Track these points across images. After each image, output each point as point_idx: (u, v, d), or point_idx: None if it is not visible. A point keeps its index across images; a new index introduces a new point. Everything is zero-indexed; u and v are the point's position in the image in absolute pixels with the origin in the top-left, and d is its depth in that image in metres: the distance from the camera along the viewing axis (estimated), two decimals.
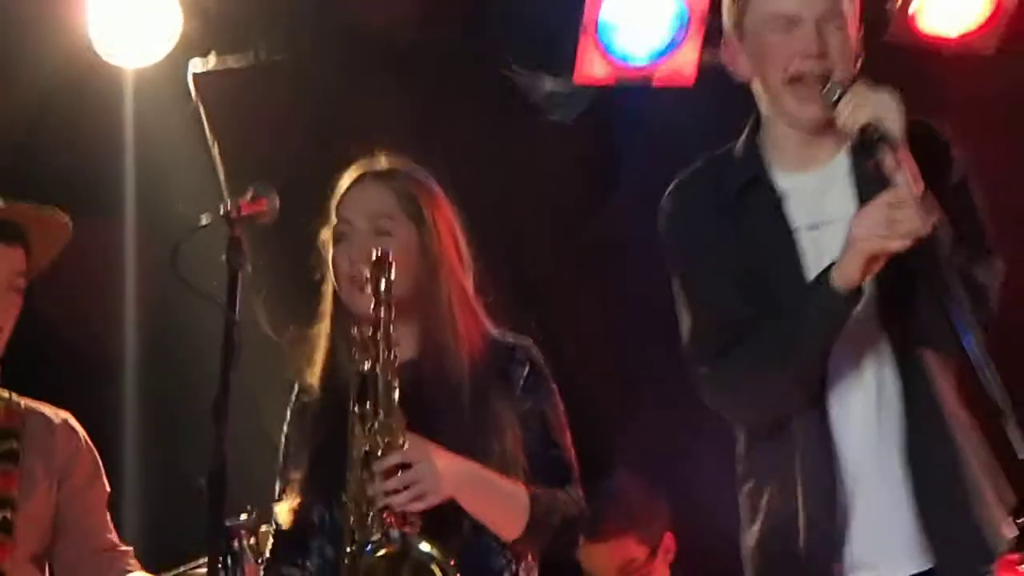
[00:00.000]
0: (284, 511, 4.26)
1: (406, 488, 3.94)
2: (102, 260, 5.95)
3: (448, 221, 4.33)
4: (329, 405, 4.27)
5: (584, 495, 4.23)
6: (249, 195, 4.10)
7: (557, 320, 4.52)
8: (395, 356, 4.02)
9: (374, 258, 4.03)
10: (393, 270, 4.02)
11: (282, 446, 4.40)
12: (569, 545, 4.26)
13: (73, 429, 4.79)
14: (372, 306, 4.03)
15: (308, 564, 4.26)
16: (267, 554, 4.26)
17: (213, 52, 5.81)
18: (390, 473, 3.94)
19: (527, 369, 4.26)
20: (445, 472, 3.99)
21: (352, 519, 4.02)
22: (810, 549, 3.81)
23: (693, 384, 3.91)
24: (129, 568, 4.76)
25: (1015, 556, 4.58)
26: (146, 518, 5.21)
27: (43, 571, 4.69)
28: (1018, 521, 3.40)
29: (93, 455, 4.80)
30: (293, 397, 4.42)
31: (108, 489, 4.84)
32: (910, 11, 5.75)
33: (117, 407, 5.94)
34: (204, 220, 4.06)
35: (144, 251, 5.95)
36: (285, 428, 4.41)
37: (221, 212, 4.05)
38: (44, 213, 4.69)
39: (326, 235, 4.36)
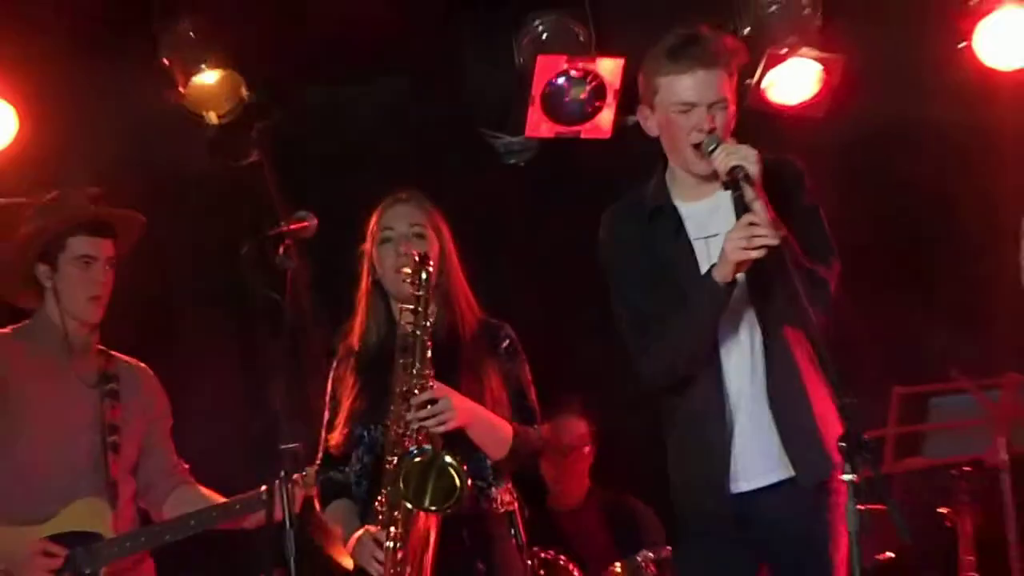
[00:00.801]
0: (334, 433, 4.31)
1: (434, 416, 4.06)
2: (194, 263, 5.92)
3: (451, 237, 4.37)
4: (364, 359, 4.34)
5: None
6: (296, 217, 4.09)
7: (513, 307, 4.45)
8: (430, 324, 4.14)
9: (418, 257, 4.14)
10: (431, 265, 4.15)
11: (329, 389, 4.39)
12: (533, 466, 4.47)
13: (152, 376, 4.80)
14: (413, 290, 4.13)
15: (348, 470, 4.29)
16: (317, 465, 4.34)
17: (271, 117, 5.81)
18: (423, 405, 4.07)
19: (507, 343, 4.35)
20: (460, 408, 4.11)
21: (392, 437, 4.12)
22: (709, 466, 3.82)
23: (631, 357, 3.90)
24: (189, 481, 4.79)
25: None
26: (222, 457, 5.09)
27: (134, 484, 4.70)
28: (840, 444, 3.36)
29: (165, 395, 4.81)
30: (337, 355, 4.43)
31: (171, 422, 4.83)
32: (762, 86, 5.70)
33: (208, 368, 5.83)
34: (264, 233, 4.05)
35: (226, 257, 5.86)
36: (331, 376, 4.41)
37: (277, 229, 4.05)
38: (127, 214, 4.71)
39: (366, 246, 4.38)
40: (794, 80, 5.72)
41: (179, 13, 5.58)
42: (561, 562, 5.11)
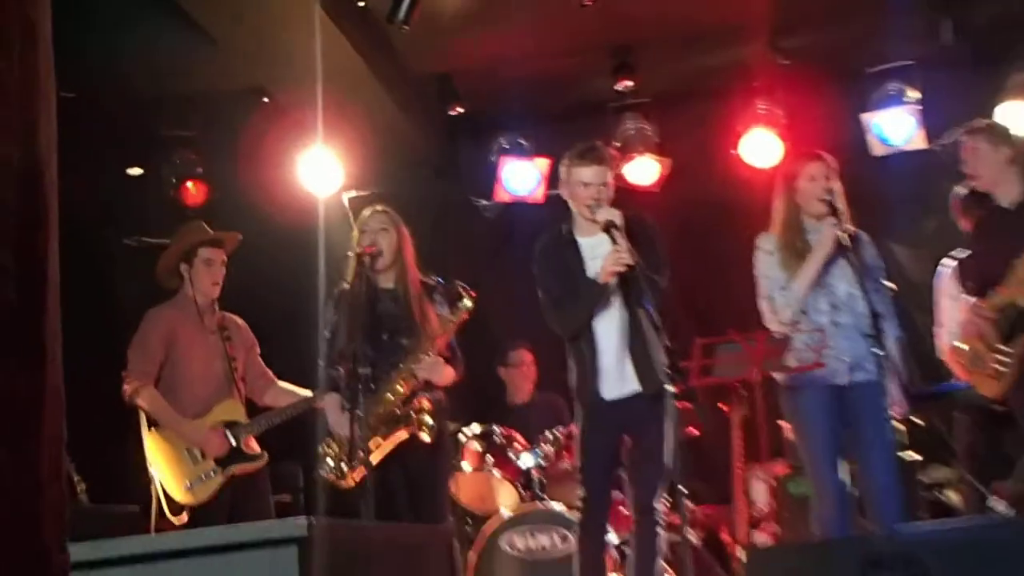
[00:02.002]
0: (335, 350, 3.89)
1: (431, 373, 3.90)
2: (303, 267, 5.74)
3: (406, 234, 4.04)
4: (355, 306, 3.87)
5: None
6: (367, 243, 4.01)
7: (489, 296, 4.30)
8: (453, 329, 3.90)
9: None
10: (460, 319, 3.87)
11: (334, 321, 3.94)
12: (463, 376, 4.08)
13: (244, 324, 4.59)
14: (450, 323, 3.88)
15: (340, 370, 3.85)
16: (320, 363, 3.94)
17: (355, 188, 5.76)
18: (427, 363, 3.91)
19: (442, 296, 4.01)
20: (444, 371, 3.94)
21: (399, 376, 3.89)
22: (588, 385, 3.79)
23: (546, 321, 3.86)
24: (275, 381, 4.60)
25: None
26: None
27: (244, 389, 4.52)
28: (666, 370, 3.45)
29: (252, 334, 4.59)
30: (337, 295, 3.98)
31: (259, 349, 4.59)
32: (626, 174, 5.67)
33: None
34: (350, 254, 3.99)
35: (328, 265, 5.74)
36: (334, 314, 3.95)
37: (357, 251, 4.00)
38: (231, 235, 4.56)
39: (355, 235, 4.04)
40: (643, 171, 5.67)
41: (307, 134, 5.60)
42: (514, 436, 4.95)
